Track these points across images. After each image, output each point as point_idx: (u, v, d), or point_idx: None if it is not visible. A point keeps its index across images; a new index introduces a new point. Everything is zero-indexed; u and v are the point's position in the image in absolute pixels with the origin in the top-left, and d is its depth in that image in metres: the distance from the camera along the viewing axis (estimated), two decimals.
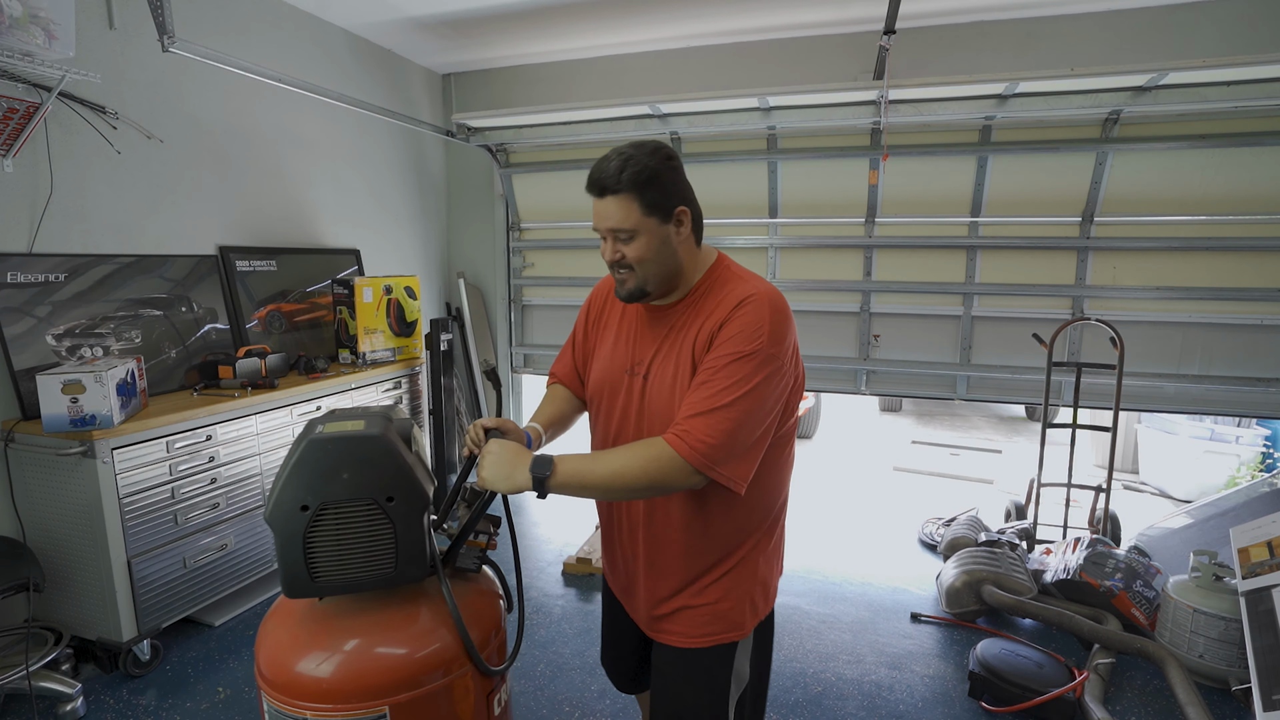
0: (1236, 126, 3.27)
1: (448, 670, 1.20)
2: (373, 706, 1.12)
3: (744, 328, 1.20)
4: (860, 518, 4.25)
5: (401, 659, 1.16)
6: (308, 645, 1.17)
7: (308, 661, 1.14)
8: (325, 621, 1.21)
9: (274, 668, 1.17)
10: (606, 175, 1.26)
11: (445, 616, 1.24)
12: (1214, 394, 3.57)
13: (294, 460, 1.16)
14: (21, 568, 2.11)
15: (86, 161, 2.68)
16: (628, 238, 1.28)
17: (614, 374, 1.39)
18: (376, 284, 3.58)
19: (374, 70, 4.17)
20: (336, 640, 1.18)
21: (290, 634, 1.21)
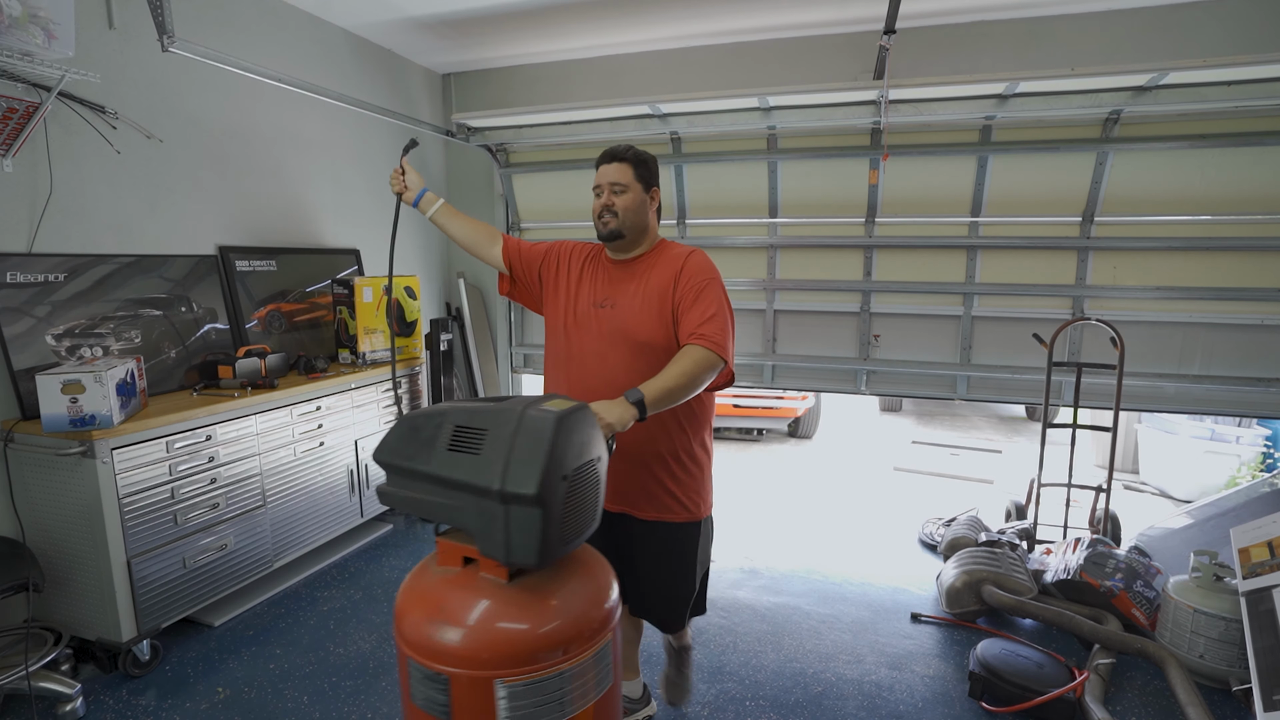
0: (1237, 126, 3.26)
1: (566, 650, 1.25)
2: (493, 673, 1.20)
3: (699, 268, 1.81)
4: (860, 518, 4.25)
5: (523, 633, 1.23)
6: (447, 614, 1.26)
7: (448, 631, 1.24)
8: (459, 592, 1.30)
9: (416, 633, 1.26)
10: (618, 149, 1.87)
11: (568, 600, 1.31)
12: (1214, 394, 3.56)
13: (551, 439, 1.21)
14: (21, 568, 2.11)
15: (86, 161, 2.68)
16: (620, 190, 1.83)
17: (584, 308, 1.88)
18: (376, 284, 3.58)
19: (374, 70, 4.17)
20: (467, 611, 1.26)
21: (432, 603, 1.29)
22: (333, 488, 3.32)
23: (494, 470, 1.20)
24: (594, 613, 1.31)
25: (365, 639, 2.74)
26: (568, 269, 1.96)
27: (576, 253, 1.97)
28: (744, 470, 5.52)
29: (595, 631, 1.29)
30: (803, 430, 6.67)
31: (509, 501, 1.19)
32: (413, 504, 1.34)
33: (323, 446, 3.23)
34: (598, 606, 1.33)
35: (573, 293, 1.92)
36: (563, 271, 1.96)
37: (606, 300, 1.86)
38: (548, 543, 1.22)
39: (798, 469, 5.61)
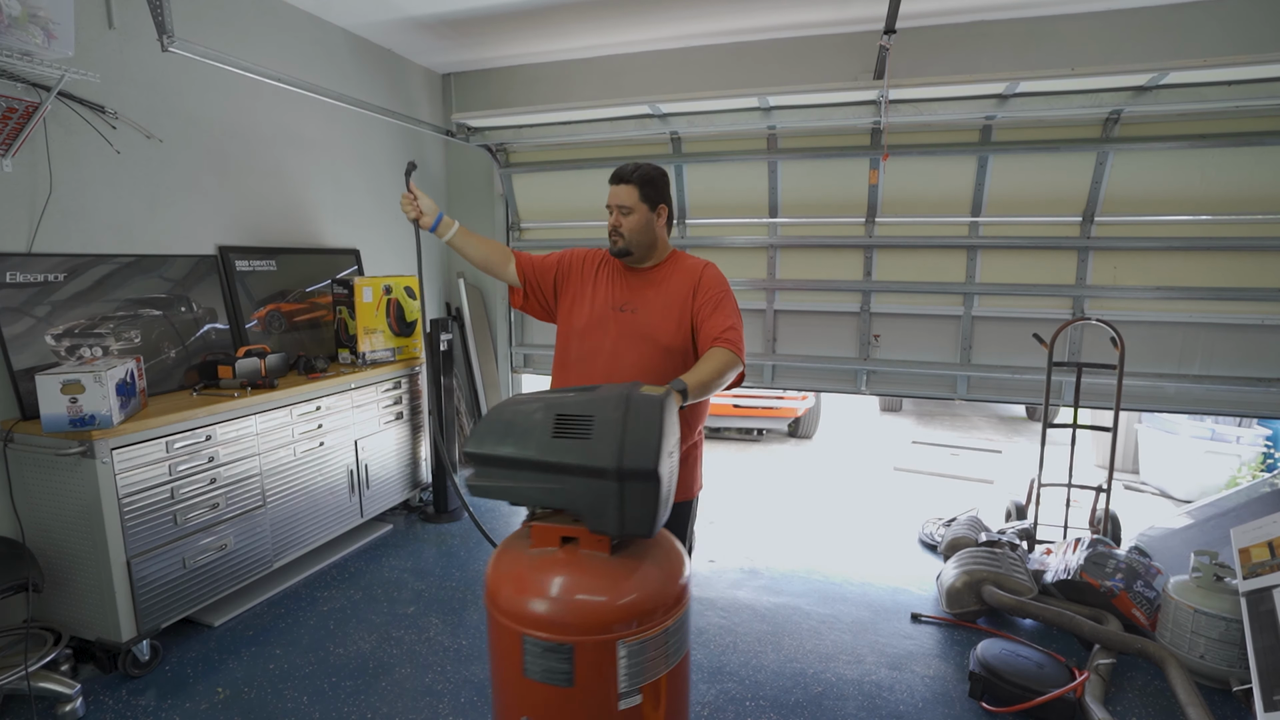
0: (1236, 126, 3.27)
1: (666, 611, 1.38)
2: (615, 636, 1.32)
3: (716, 281, 2.01)
4: (860, 518, 4.25)
5: (637, 599, 1.35)
6: (566, 590, 1.36)
7: (570, 605, 1.34)
8: (572, 569, 1.40)
9: (535, 612, 1.35)
10: (625, 171, 1.99)
11: (662, 566, 1.44)
12: (1215, 394, 3.56)
13: (661, 419, 1.34)
14: (21, 568, 2.11)
15: (86, 161, 2.68)
16: (626, 212, 1.97)
17: (602, 310, 2.01)
18: (376, 284, 3.58)
19: (374, 70, 4.17)
20: (587, 585, 1.37)
21: (547, 583, 1.38)
22: (333, 488, 3.32)
23: (609, 451, 1.29)
24: (681, 575, 1.46)
25: (365, 639, 2.74)
26: (581, 275, 2.11)
27: (590, 259, 2.11)
28: (744, 470, 5.52)
29: (683, 591, 1.44)
30: (803, 430, 6.67)
31: (626, 479, 1.28)
32: (511, 492, 1.41)
33: (323, 446, 3.23)
34: (682, 570, 1.47)
35: (590, 296, 2.07)
36: (575, 277, 2.11)
37: (627, 305, 2.02)
38: (660, 513, 1.34)
39: (798, 469, 5.61)
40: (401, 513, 4.08)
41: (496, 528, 3.89)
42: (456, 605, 3.02)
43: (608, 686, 1.32)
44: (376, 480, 3.62)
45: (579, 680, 1.30)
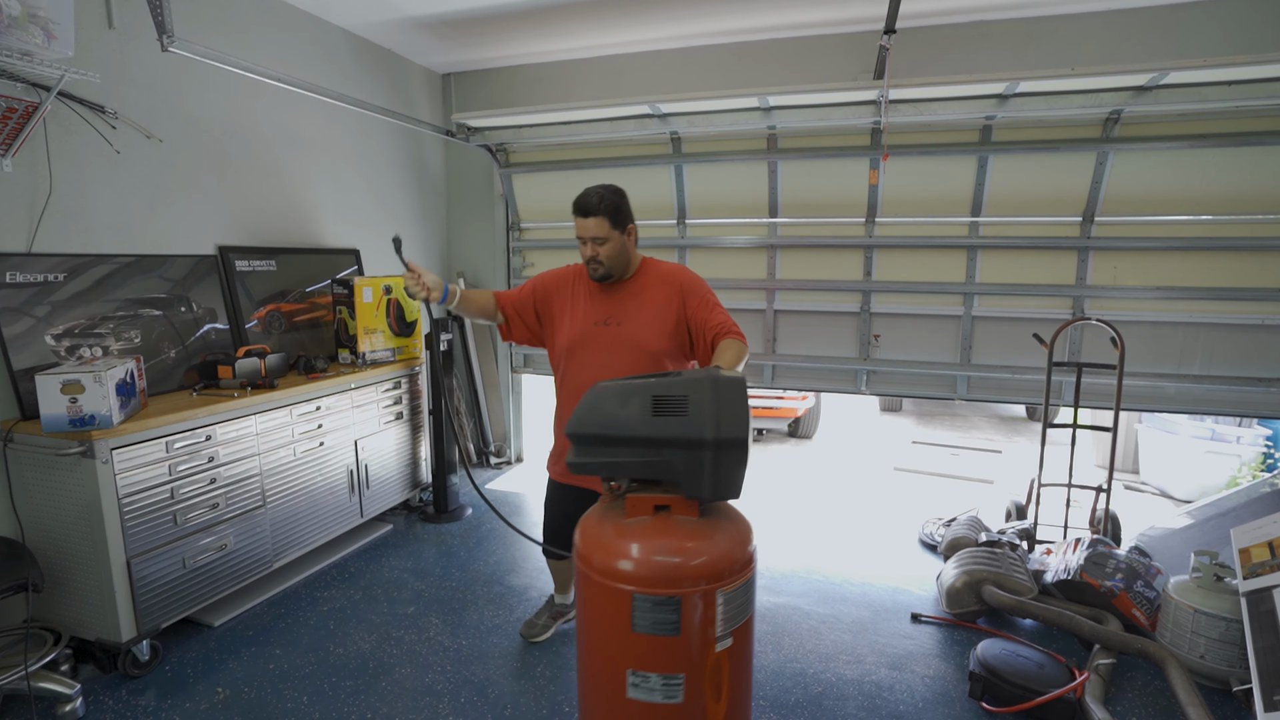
0: (1237, 126, 3.26)
1: (747, 563, 1.58)
2: (715, 586, 1.51)
3: (698, 283, 2.23)
4: (860, 518, 4.25)
5: (731, 553, 1.55)
6: (671, 550, 1.54)
7: (677, 562, 1.52)
8: (671, 533, 1.57)
9: (644, 572, 1.52)
10: (590, 203, 2.11)
11: (741, 526, 1.65)
12: (1215, 394, 3.56)
13: (745, 394, 1.55)
14: (20, 568, 2.11)
15: (86, 161, 2.68)
16: (601, 242, 2.12)
17: (586, 327, 2.15)
18: (376, 284, 3.58)
19: (374, 70, 4.17)
20: (689, 546, 1.54)
21: (652, 546, 1.55)
22: (332, 488, 3.32)
23: (706, 425, 1.50)
24: (752, 534, 1.66)
25: (365, 639, 2.74)
26: (560, 296, 2.21)
27: (565, 278, 2.21)
28: None
29: (754, 547, 1.64)
30: (803, 430, 6.67)
31: (720, 448, 1.50)
32: (610, 467, 1.61)
33: (322, 446, 3.23)
34: (751, 529, 1.67)
35: (571, 315, 2.20)
36: (556, 300, 2.24)
37: (610, 318, 2.16)
38: (745, 477, 1.56)
39: (798, 469, 5.61)
40: (401, 513, 4.08)
41: (497, 526, 3.89)
42: (456, 605, 3.02)
43: (708, 631, 1.51)
44: (376, 480, 3.62)
45: (685, 628, 1.48)
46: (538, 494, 4.54)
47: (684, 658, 1.51)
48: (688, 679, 1.51)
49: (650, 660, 1.51)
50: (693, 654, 1.50)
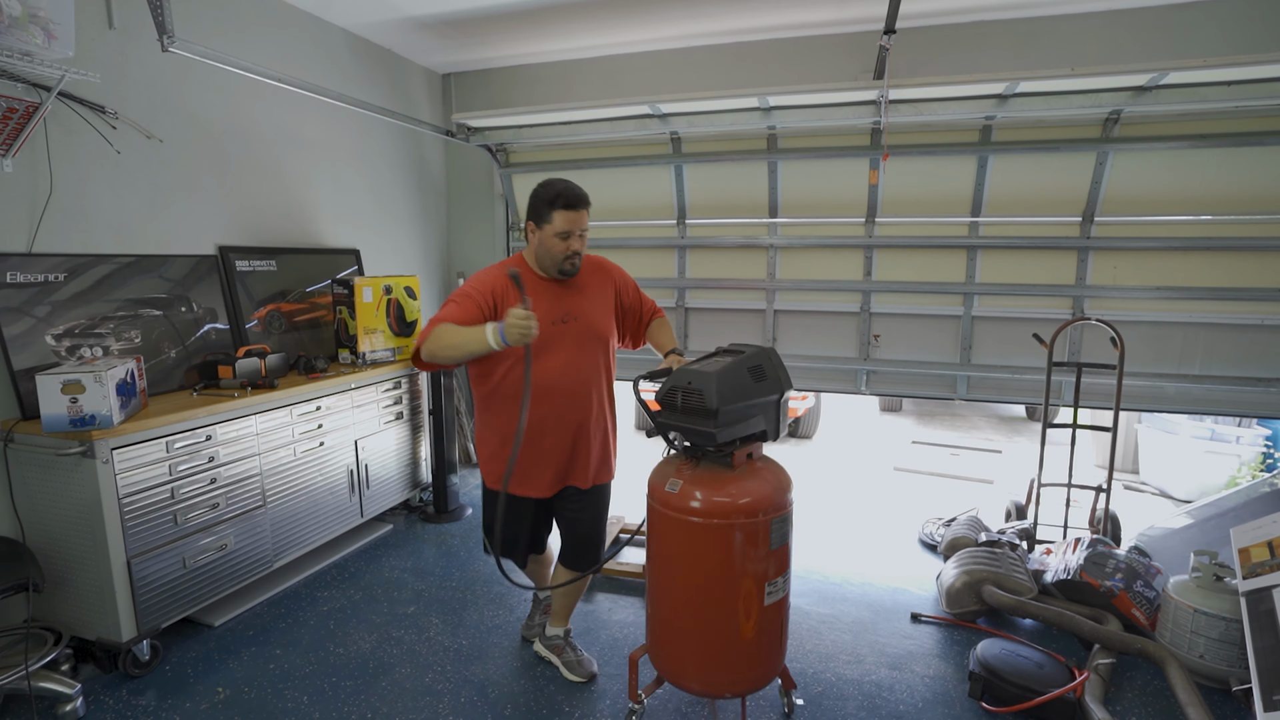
0: (1237, 126, 3.26)
1: (752, 514, 1.97)
2: (787, 510, 2.03)
3: (623, 272, 2.42)
4: (860, 518, 4.25)
5: (730, 501, 1.96)
6: (765, 488, 2.00)
7: (767, 498, 1.98)
8: (741, 479, 2.01)
9: (747, 502, 1.96)
10: (583, 196, 2.13)
11: (778, 474, 2.09)
12: (1214, 394, 3.56)
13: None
14: (21, 568, 2.11)
15: (86, 161, 2.68)
16: (583, 234, 2.15)
17: (544, 327, 2.07)
18: (376, 284, 3.58)
19: (374, 70, 4.17)
20: (769, 484, 2.02)
21: (738, 487, 1.98)
22: (333, 488, 3.32)
23: (779, 383, 2.03)
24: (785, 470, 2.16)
25: (365, 639, 2.74)
26: (506, 305, 2.16)
27: (499, 284, 2.14)
28: None
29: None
30: (803, 430, 6.66)
31: (784, 399, 2.05)
32: (742, 431, 1.97)
33: (323, 446, 3.23)
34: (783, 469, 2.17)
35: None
36: (503, 310, 2.18)
37: (566, 315, 2.19)
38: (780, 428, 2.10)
39: (798, 469, 5.59)
40: (402, 513, 4.09)
41: None
42: (456, 605, 3.03)
43: (789, 538, 2.05)
44: (376, 480, 3.62)
45: (786, 538, 2.03)
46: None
47: (786, 558, 2.05)
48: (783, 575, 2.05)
49: (779, 566, 2.01)
50: (786, 556, 2.04)
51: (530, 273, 2.19)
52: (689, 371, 1.91)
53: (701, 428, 1.88)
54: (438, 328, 1.97)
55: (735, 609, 1.98)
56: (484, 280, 2.12)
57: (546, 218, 2.09)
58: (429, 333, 1.98)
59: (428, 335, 1.97)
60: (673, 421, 1.95)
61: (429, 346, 1.97)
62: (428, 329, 2.00)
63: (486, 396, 2.22)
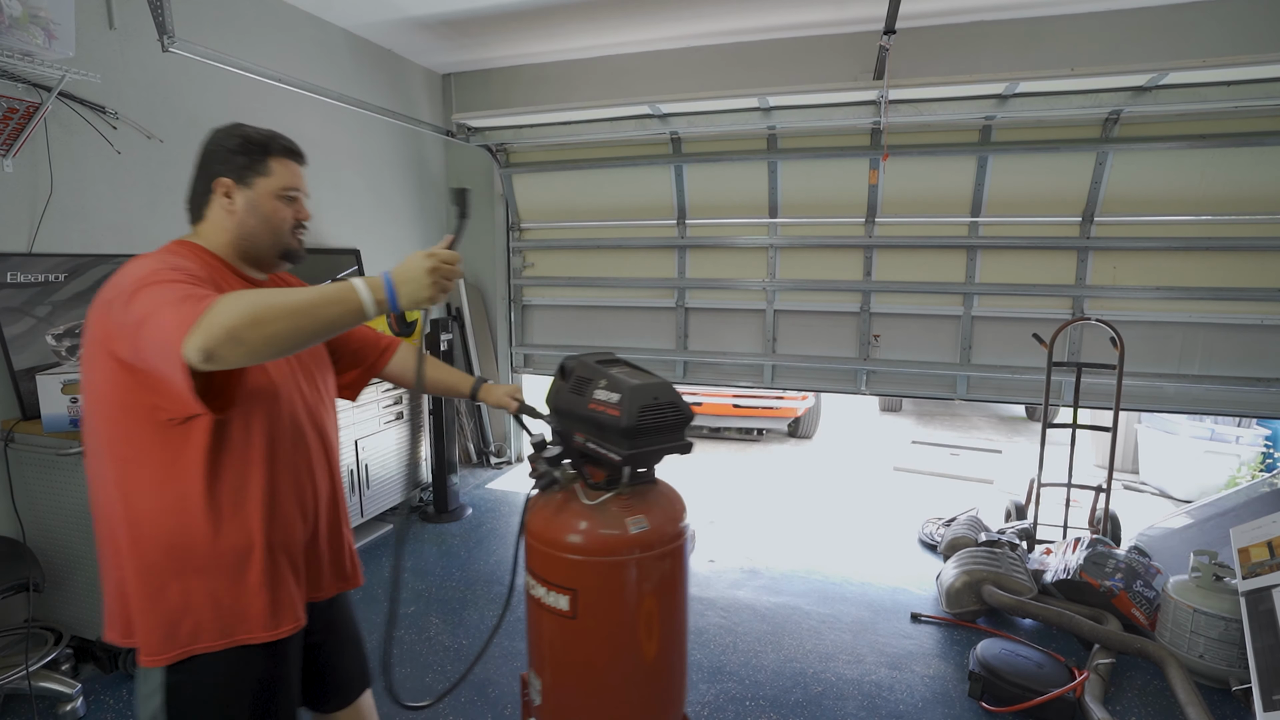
0: (1236, 126, 3.27)
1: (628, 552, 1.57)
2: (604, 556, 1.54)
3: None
4: (860, 518, 4.25)
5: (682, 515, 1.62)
6: (565, 521, 1.56)
7: (565, 532, 1.55)
8: (572, 509, 1.60)
9: (565, 537, 1.55)
10: (299, 147, 1.35)
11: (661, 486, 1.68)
12: (1214, 394, 3.57)
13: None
14: (21, 568, 2.11)
15: (86, 161, 2.68)
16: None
17: None
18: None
19: (374, 70, 4.17)
20: (575, 521, 1.57)
21: (571, 519, 1.57)
22: None
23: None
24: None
25: (365, 639, 2.73)
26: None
27: (210, 272, 1.23)
28: (744, 470, 5.52)
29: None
30: (803, 430, 6.67)
31: None
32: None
33: None
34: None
35: None
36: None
37: None
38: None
39: (798, 469, 5.61)
40: (402, 512, 4.09)
41: (497, 526, 3.89)
42: (456, 605, 3.03)
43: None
44: (376, 480, 3.62)
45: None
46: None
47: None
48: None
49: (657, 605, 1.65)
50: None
51: (219, 266, 1.26)
52: (651, 387, 1.56)
53: (676, 443, 1.63)
54: (224, 300, 0.98)
55: (682, 635, 1.69)
56: (180, 267, 1.12)
57: (260, 168, 1.27)
58: (199, 312, 0.96)
59: (202, 316, 0.96)
60: (652, 448, 1.59)
61: (227, 321, 0.95)
62: (187, 311, 0.98)
63: (172, 461, 1.14)
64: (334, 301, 1.05)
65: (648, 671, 1.64)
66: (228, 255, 1.28)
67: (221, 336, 0.95)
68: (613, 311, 4.65)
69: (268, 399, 1.25)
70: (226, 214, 1.27)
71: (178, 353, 0.96)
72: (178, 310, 0.99)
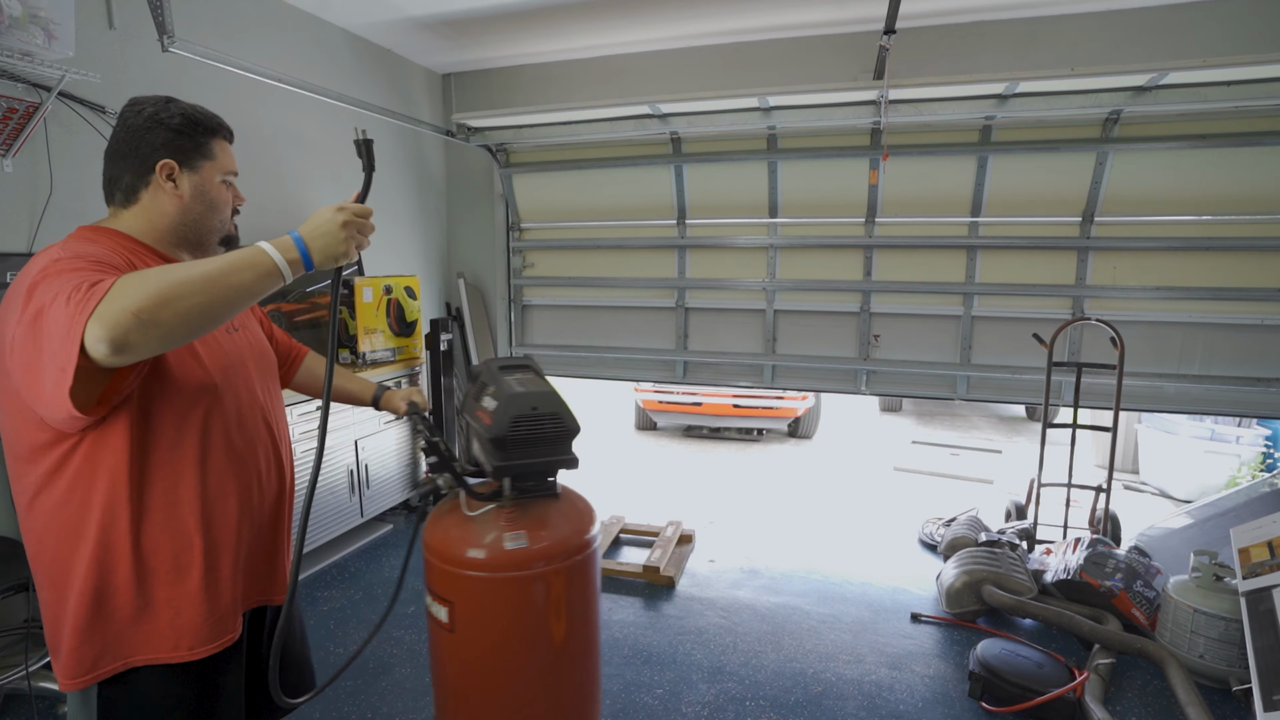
0: (1236, 126, 3.27)
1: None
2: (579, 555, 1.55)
3: None
4: (860, 518, 4.25)
5: (590, 526, 1.61)
6: (463, 536, 1.53)
7: (442, 541, 1.55)
8: (453, 518, 1.59)
9: (442, 547, 1.54)
10: (225, 121, 1.31)
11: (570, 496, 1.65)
12: (1214, 394, 3.56)
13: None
14: (21, 568, 2.11)
15: (86, 161, 2.68)
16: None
17: (222, 340, 1.29)
18: (377, 284, 3.59)
19: (374, 70, 4.17)
20: (453, 531, 1.56)
21: (449, 529, 1.57)
22: (333, 488, 3.32)
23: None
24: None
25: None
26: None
27: (123, 256, 1.14)
28: (744, 470, 5.52)
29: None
30: (803, 430, 6.67)
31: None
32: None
33: None
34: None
35: None
36: None
37: (233, 321, 1.32)
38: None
39: (798, 469, 5.61)
40: (402, 513, 4.08)
41: None
42: None
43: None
44: (376, 480, 3.62)
45: None
46: None
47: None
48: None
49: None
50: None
51: (143, 252, 1.18)
52: (530, 396, 1.50)
53: (557, 458, 1.54)
54: (123, 282, 0.89)
55: (585, 659, 1.64)
56: (86, 254, 1.05)
57: (205, 150, 1.25)
58: (98, 298, 0.87)
59: (101, 302, 0.87)
60: (525, 461, 1.51)
61: (132, 305, 0.86)
62: (83, 299, 0.88)
63: (91, 466, 1.07)
64: (245, 266, 0.97)
65: (536, 695, 1.52)
66: (157, 242, 1.20)
67: (129, 322, 0.85)
68: (613, 311, 4.65)
69: (207, 394, 1.16)
70: (169, 198, 1.20)
71: (73, 349, 0.85)
72: (71, 301, 0.88)
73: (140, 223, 1.20)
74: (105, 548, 1.10)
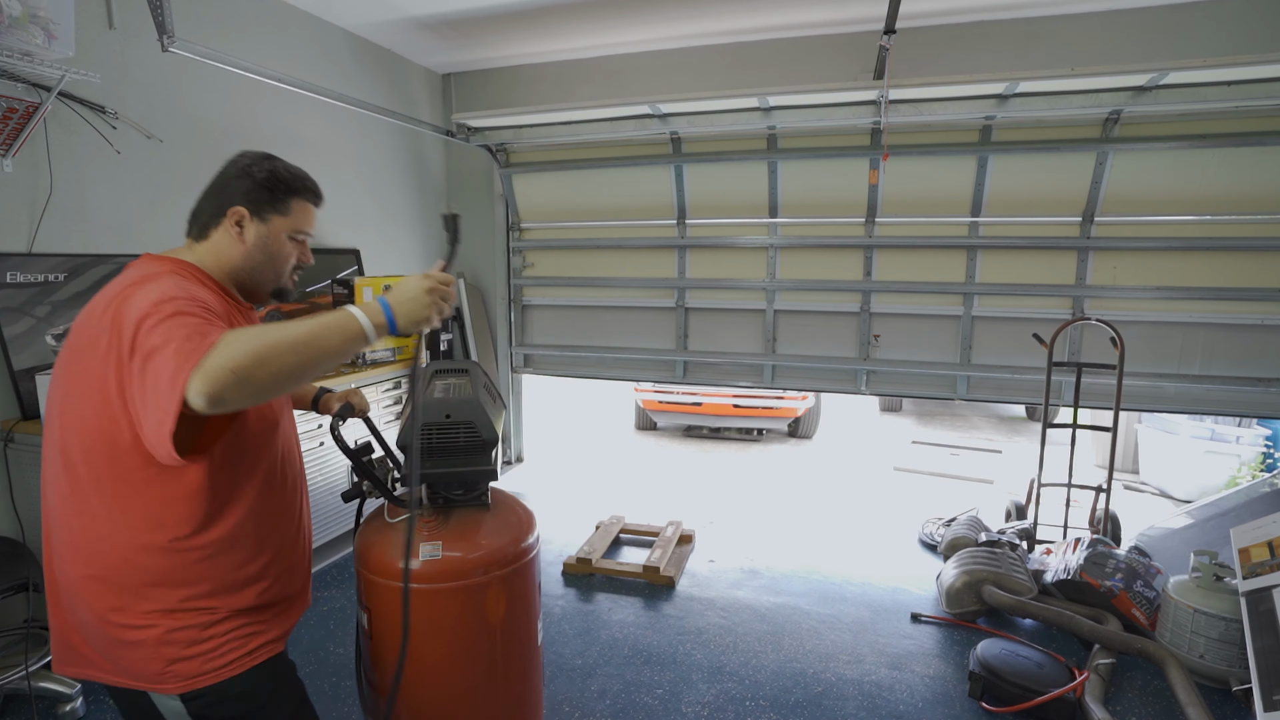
0: (1237, 126, 3.27)
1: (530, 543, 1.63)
2: (514, 564, 1.55)
3: None
4: (860, 518, 4.25)
5: (525, 537, 1.60)
6: (377, 543, 1.53)
7: (361, 546, 1.55)
8: (376, 524, 1.59)
9: (361, 553, 1.54)
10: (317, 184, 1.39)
11: (506, 507, 1.65)
12: (1214, 394, 3.56)
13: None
14: (21, 568, 2.11)
15: (86, 161, 2.68)
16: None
17: None
18: (376, 284, 3.58)
19: (374, 70, 4.17)
20: (371, 536, 1.56)
21: (369, 534, 1.57)
22: (333, 488, 3.31)
23: (499, 395, 1.81)
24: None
25: None
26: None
27: (216, 303, 1.18)
28: (744, 470, 5.52)
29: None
30: (803, 430, 6.66)
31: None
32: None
33: (323, 447, 3.23)
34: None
35: None
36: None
37: None
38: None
39: (798, 469, 5.61)
40: None
41: None
42: None
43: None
44: None
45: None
46: (538, 493, 4.55)
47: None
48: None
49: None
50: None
51: (220, 294, 1.24)
52: (445, 403, 1.49)
53: (472, 468, 1.50)
54: (226, 340, 0.96)
55: (528, 661, 1.66)
56: (198, 298, 1.10)
57: (281, 206, 1.32)
58: (203, 352, 0.94)
59: (205, 358, 0.93)
60: (436, 470, 1.48)
61: (231, 363, 0.93)
62: (191, 351, 0.95)
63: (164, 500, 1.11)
64: (335, 330, 1.05)
65: (460, 708, 1.48)
66: (223, 280, 1.27)
67: (228, 380, 0.93)
68: (613, 311, 4.65)
69: (271, 431, 1.26)
70: (233, 242, 1.27)
71: (175, 399, 0.93)
72: (179, 353, 0.96)
73: (209, 259, 1.26)
74: (173, 571, 1.16)
